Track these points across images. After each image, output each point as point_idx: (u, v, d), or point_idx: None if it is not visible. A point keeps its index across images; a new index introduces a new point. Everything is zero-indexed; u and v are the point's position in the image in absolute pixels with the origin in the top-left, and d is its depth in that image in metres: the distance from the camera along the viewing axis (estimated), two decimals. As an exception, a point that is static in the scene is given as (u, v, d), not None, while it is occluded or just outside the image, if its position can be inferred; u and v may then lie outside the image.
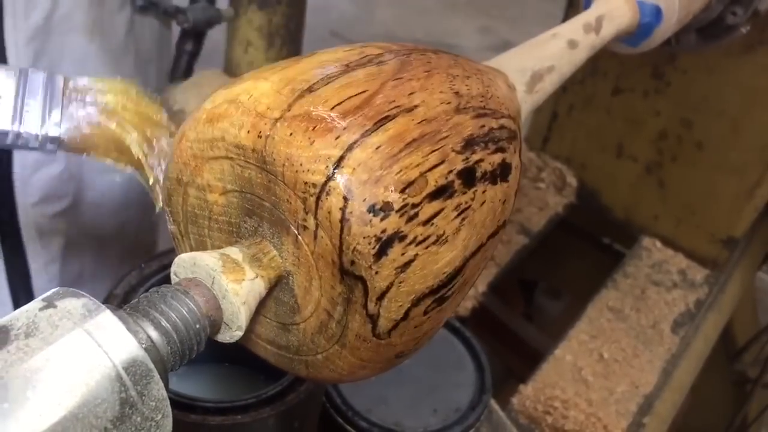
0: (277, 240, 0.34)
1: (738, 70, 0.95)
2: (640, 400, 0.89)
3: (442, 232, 0.33)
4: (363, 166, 0.31)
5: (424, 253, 0.32)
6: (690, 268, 1.09)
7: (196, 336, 0.30)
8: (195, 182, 0.35)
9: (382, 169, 0.31)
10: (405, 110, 0.34)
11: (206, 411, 0.52)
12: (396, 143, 0.32)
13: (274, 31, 0.88)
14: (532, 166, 1.20)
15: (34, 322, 0.25)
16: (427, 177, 0.32)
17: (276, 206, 0.33)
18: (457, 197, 0.34)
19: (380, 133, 0.32)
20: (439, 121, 0.35)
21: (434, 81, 0.37)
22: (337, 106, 0.32)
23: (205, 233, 0.37)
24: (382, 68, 0.35)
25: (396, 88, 0.34)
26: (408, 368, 0.68)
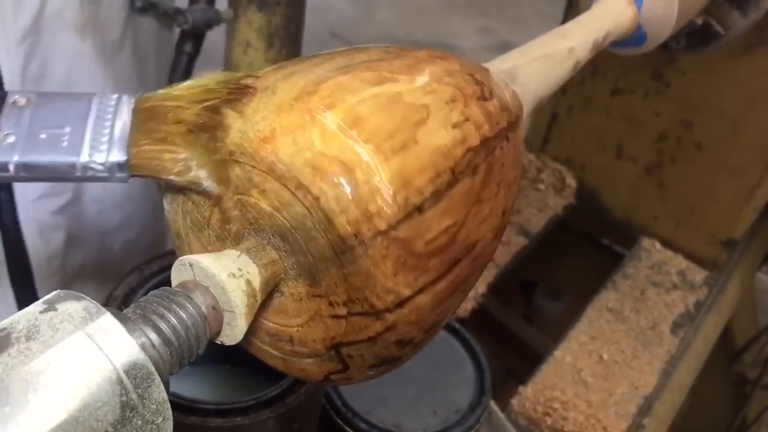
0: (278, 242, 0.34)
1: (737, 71, 0.96)
2: (639, 401, 0.89)
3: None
4: (416, 312, 0.33)
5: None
6: (689, 269, 1.09)
7: (197, 338, 0.30)
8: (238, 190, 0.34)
9: (428, 314, 0.34)
10: (467, 253, 0.35)
11: (206, 413, 0.52)
12: (449, 289, 0.34)
13: (274, 32, 0.88)
14: (532, 167, 1.20)
15: (35, 325, 0.25)
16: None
17: (303, 240, 0.33)
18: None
19: (445, 280, 0.34)
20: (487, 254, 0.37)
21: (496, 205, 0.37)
22: (431, 243, 0.32)
23: (206, 236, 0.37)
24: (474, 182, 0.35)
25: (474, 218, 0.35)
26: (408, 370, 0.68)
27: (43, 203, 0.81)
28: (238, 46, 0.90)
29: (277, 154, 0.31)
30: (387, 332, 0.33)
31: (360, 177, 0.30)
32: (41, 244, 0.83)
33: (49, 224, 0.83)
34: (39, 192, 0.80)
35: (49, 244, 0.83)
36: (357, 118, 0.31)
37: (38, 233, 0.82)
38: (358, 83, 0.33)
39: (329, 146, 0.31)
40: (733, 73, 0.96)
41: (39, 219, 0.82)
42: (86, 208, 0.88)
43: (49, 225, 0.83)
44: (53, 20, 0.76)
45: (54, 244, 0.84)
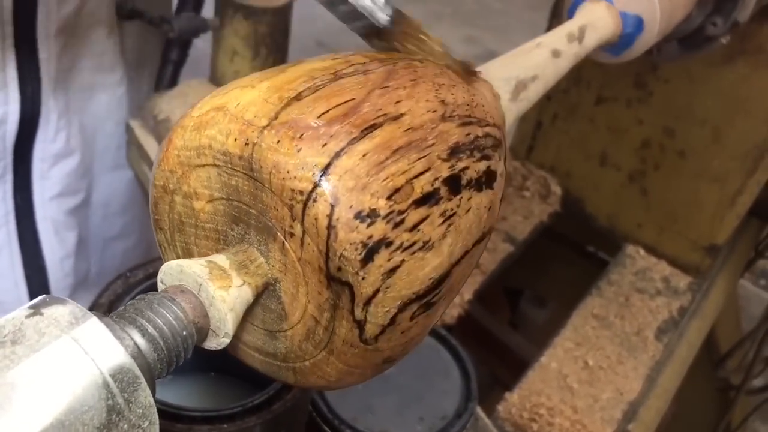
0: (264, 247, 0.34)
1: (719, 79, 0.97)
2: (624, 406, 0.90)
3: (428, 238, 0.33)
4: (349, 173, 0.31)
5: (411, 259, 0.32)
6: (673, 276, 1.10)
7: (183, 343, 0.30)
8: (181, 190, 0.35)
9: (369, 176, 0.31)
10: (391, 118, 0.34)
11: (192, 420, 0.52)
12: (382, 151, 0.32)
13: (260, 41, 0.89)
14: (517, 174, 1.21)
15: (21, 329, 0.25)
16: (413, 184, 0.33)
17: (263, 213, 0.33)
18: (443, 204, 0.34)
19: (367, 141, 0.32)
20: (425, 129, 0.35)
21: (420, 89, 0.37)
22: (324, 114, 0.32)
23: (191, 241, 0.37)
24: (368, 77, 0.36)
25: (383, 96, 0.35)
26: (394, 376, 0.68)
27: (59, 202, 0.82)
28: (225, 55, 0.90)
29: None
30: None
31: (231, 106, 0.33)
32: (57, 243, 0.83)
33: (63, 224, 0.83)
34: (57, 190, 0.81)
35: (64, 244, 0.84)
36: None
37: (54, 232, 0.82)
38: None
39: (204, 108, 0.34)
40: (715, 81, 0.97)
41: (55, 218, 0.82)
42: (94, 212, 0.89)
43: (64, 224, 0.83)
44: (89, 16, 0.77)
45: (68, 244, 0.84)
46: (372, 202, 0.31)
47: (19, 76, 0.73)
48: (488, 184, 0.37)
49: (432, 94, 0.37)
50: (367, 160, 0.32)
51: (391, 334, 0.33)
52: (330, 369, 0.35)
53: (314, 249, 0.32)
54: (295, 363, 0.36)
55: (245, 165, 0.32)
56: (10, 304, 0.81)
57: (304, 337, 0.35)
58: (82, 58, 0.81)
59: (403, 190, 0.32)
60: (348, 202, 0.31)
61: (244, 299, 0.33)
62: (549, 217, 1.17)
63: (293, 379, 0.37)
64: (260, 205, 0.33)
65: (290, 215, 0.32)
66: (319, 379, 0.36)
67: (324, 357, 0.35)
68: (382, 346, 0.34)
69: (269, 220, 0.33)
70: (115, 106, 0.89)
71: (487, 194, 0.37)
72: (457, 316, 0.99)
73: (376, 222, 0.31)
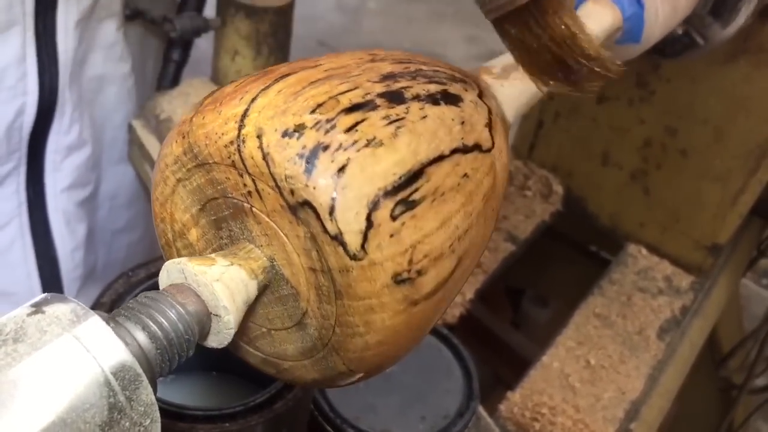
0: (247, 232, 0.34)
1: (721, 78, 0.97)
2: (627, 406, 0.90)
3: (373, 136, 0.32)
4: (267, 107, 0.32)
5: (358, 156, 0.31)
6: (675, 275, 1.09)
7: (186, 341, 0.30)
8: (176, 231, 0.36)
9: (287, 103, 0.32)
10: (309, 67, 0.35)
11: (194, 419, 0.52)
12: (298, 84, 0.33)
13: (262, 40, 0.89)
14: (519, 173, 1.20)
15: (23, 327, 0.25)
16: (338, 98, 0.33)
17: (225, 194, 0.34)
18: (383, 110, 0.33)
19: (281, 83, 0.33)
20: (348, 67, 0.35)
21: (348, 53, 0.37)
22: (240, 83, 0.34)
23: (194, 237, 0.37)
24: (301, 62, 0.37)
25: (303, 61, 0.36)
26: (396, 375, 0.68)
27: (70, 194, 0.83)
28: (226, 54, 0.90)
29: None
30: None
31: (175, 124, 0.36)
32: (67, 234, 0.84)
33: (74, 215, 0.84)
34: (68, 182, 0.82)
35: (74, 235, 0.85)
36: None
37: (65, 223, 0.83)
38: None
39: None
40: (717, 80, 0.97)
41: (66, 210, 0.83)
42: (101, 204, 0.91)
43: (74, 216, 0.85)
44: (103, 9, 0.78)
45: (78, 235, 0.86)
46: (295, 119, 0.31)
47: (38, 67, 0.74)
48: (449, 101, 0.36)
49: (361, 52, 0.37)
50: (282, 94, 0.32)
51: (378, 239, 0.32)
52: (353, 317, 0.33)
53: (267, 190, 0.32)
54: (330, 338, 0.35)
55: (191, 156, 0.33)
56: (22, 295, 0.82)
57: (317, 299, 0.34)
58: (94, 50, 0.82)
59: (327, 104, 0.32)
60: (272, 128, 0.31)
61: (236, 277, 0.32)
62: (551, 217, 1.17)
63: (341, 362, 0.35)
64: (219, 186, 0.33)
65: (237, 172, 0.32)
66: (353, 339, 0.34)
67: (341, 306, 0.33)
68: (377, 257, 0.32)
69: (232, 196, 0.33)
70: (123, 99, 0.89)
71: (450, 109, 0.36)
72: (459, 315, 0.99)
73: (305, 133, 0.31)
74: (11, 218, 0.80)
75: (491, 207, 0.38)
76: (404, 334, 0.34)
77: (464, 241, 0.36)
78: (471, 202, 0.36)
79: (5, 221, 0.79)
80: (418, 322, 0.34)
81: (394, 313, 0.33)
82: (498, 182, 0.39)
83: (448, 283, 0.35)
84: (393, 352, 0.35)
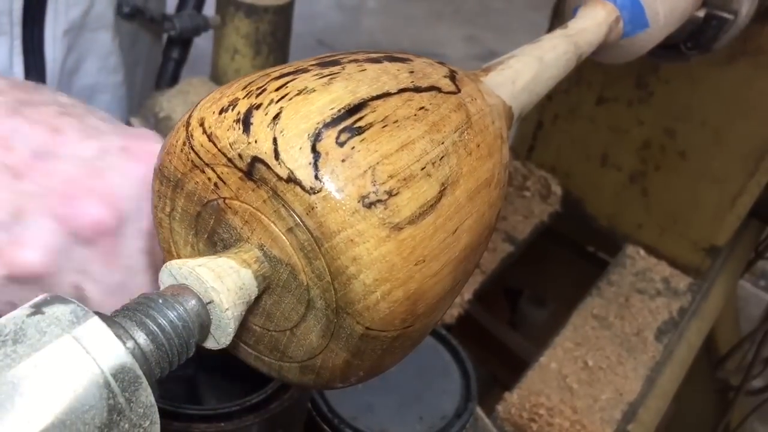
0: (233, 230, 0.35)
1: (720, 80, 0.97)
2: (624, 407, 0.90)
3: (304, 87, 0.33)
4: (205, 101, 0.34)
5: (290, 104, 0.32)
6: (673, 276, 1.10)
7: (185, 342, 0.30)
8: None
9: (222, 91, 0.35)
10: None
11: (190, 418, 0.52)
12: (234, 81, 0.35)
13: (261, 39, 0.89)
14: (518, 174, 1.21)
15: (22, 328, 0.25)
16: (269, 73, 0.35)
17: (202, 202, 0.35)
18: (314, 70, 0.35)
19: (219, 89, 0.36)
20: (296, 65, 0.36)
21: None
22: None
23: (193, 237, 0.37)
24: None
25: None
26: (394, 376, 0.68)
27: None
28: (226, 53, 0.90)
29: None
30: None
31: None
32: None
33: None
34: None
35: None
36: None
37: None
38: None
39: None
40: (716, 82, 0.97)
41: None
42: None
43: None
44: (96, 20, 0.80)
45: None
46: (229, 98, 0.33)
47: (25, 75, 0.75)
48: (393, 60, 0.37)
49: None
50: (218, 90, 0.35)
51: (330, 166, 0.31)
52: (340, 260, 0.32)
53: (225, 170, 0.33)
54: (335, 300, 0.33)
55: (166, 183, 0.36)
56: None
57: (307, 261, 0.33)
58: (86, 60, 0.82)
59: (258, 80, 0.34)
60: (210, 112, 0.33)
61: (245, 299, 0.33)
62: (549, 217, 1.17)
63: (356, 323, 0.33)
64: (195, 197, 0.35)
65: (199, 170, 0.34)
66: (352, 286, 0.32)
67: (326, 254, 0.32)
68: (335, 185, 0.31)
69: (207, 199, 0.34)
70: (115, 107, 0.90)
71: (394, 64, 0.37)
72: (457, 315, 0.99)
73: (238, 103, 0.33)
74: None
75: (474, 142, 0.37)
76: (402, 266, 0.32)
77: (443, 168, 0.34)
78: (438, 131, 0.35)
79: None
80: (411, 250, 0.32)
81: (377, 240, 0.31)
82: (474, 121, 0.38)
83: (436, 208, 0.34)
84: (403, 295, 0.32)
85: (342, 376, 0.36)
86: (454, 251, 0.35)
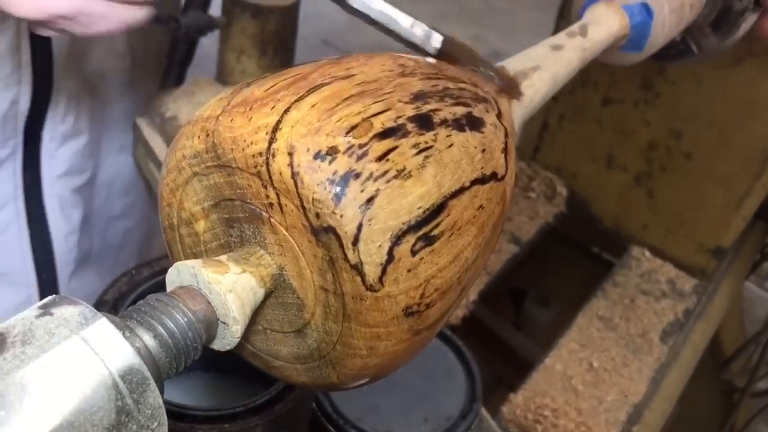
0: (260, 237, 0.34)
1: (726, 81, 0.96)
2: (629, 409, 0.90)
3: (402, 167, 0.32)
4: (300, 122, 0.31)
5: (387, 187, 0.31)
6: (679, 278, 1.09)
7: (192, 344, 0.30)
8: (182, 219, 0.36)
9: (320, 121, 0.32)
10: (341, 78, 0.34)
11: (194, 419, 0.52)
12: (332, 100, 0.33)
13: (267, 40, 0.89)
14: (523, 175, 1.20)
15: (31, 329, 0.25)
16: (371, 121, 0.32)
17: (244, 199, 0.33)
18: (413, 137, 0.33)
19: (315, 95, 0.33)
20: (380, 81, 0.35)
21: (376, 59, 0.37)
22: (271, 88, 0.33)
23: (200, 238, 0.37)
24: (321, 61, 0.37)
25: (332, 66, 0.35)
26: (399, 376, 0.68)
27: (65, 180, 0.85)
28: (231, 53, 0.90)
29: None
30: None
31: (194, 115, 0.35)
32: (62, 219, 0.87)
33: (69, 201, 0.87)
34: (64, 169, 0.84)
35: (69, 220, 0.88)
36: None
37: (60, 209, 0.86)
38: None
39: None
40: (723, 83, 0.97)
41: (62, 195, 0.86)
42: (98, 191, 0.93)
43: (70, 202, 0.87)
44: None
45: (73, 220, 0.88)
46: (328, 141, 0.31)
47: (32, 58, 0.76)
48: (473, 127, 0.36)
49: (390, 60, 0.37)
50: (316, 109, 0.32)
51: (396, 273, 0.32)
52: (357, 340, 0.33)
53: (291, 207, 0.32)
54: (329, 353, 0.35)
55: (213, 155, 0.33)
56: (17, 275, 0.85)
57: (323, 315, 0.34)
58: (94, 44, 0.83)
59: (360, 127, 0.32)
60: (304, 147, 0.31)
61: (247, 286, 0.32)
62: (554, 218, 1.17)
63: (335, 373, 0.36)
64: (238, 190, 0.33)
65: (261, 183, 0.32)
66: (353, 358, 0.34)
67: (347, 329, 0.33)
68: (392, 290, 0.32)
69: (251, 203, 0.33)
70: (124, 91, 0.91)
71: (474, 136, 0.36)
72: (462, 316, 0.99)
73: (338, 157, 0.31)
74: (8, 201, 0.82)
75: (497, 234, 0.39)
76: (402, 358, 0.35)
77: (470, 272, 0.36)
78: (482, 233, 0.36)
79: (2, 204, 0.82)
80: (417, 348, 0.36)
81: (398, 341, 0.34)
82: (506, 208, 0.39)
83: (449, 311, 0.36)
84: (385, 372, 0.36)
85: (290, 383, 0.38)
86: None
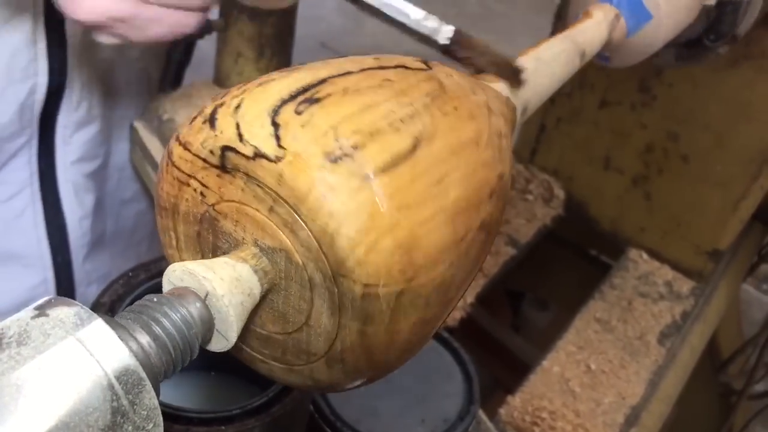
0: (228, 236, 0.35)
1: (723, 84, 0.97)
2: (627, 411, 0.90)
3: (264, 80, 0.35)
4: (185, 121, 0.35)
5: (250, 93, 0.34)
6: (676, 280, 1.09)
7: (188, 345, 0.30)
8: (178, 220, 0.38)
9: (196, 111, 0.36)
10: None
11: (190, 421, 0.52)
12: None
13: (265, 42, 0.89)
14: (520, 177, 1.20)
15: (26, 330, 0.25)
16: (230, 90, 0.36)
17: (197, 218, 0.36)
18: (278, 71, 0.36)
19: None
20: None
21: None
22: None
23: (197, 240, 0.37)
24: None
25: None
26: (397, 378, 0.68)
27: (79, 166, 0.88)
28: (229, 56, 0.90)
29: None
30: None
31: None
32: (76, 204, 0.89)
33: (82, 186, 0.90)
34: (77, 155, 0.87)
35: (83, 205, 0.90)
36: None
37: (74, 193, 0.89)
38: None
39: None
40: (719, 86, 0.97)
41: (75, 181, 0.88)
42: (110, 176, 0.95)
43: (83, 187, 0.90)
44: None
45: (86, 205, 0.91)
46: (199, 109, 0.35)
47: (48, 50, 0.78)
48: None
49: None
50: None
51: (290, 132, 0.32)
52: (319, 220, 0.31)
53: (204, 174, 0.34)
54: (327, 263, 0.32)
55: (166, 213, 0.37)
56: (33, 258, 0.87)
57: (294, 235, 0.33)
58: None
59: (221, 93, 0.36)
60: (183, 126, 0.35)
61: (244, 286, 0.32)
62: (552, 221, 1.17)
63: (352, 283, 0.32)
64: (191, 215, 0.36)
65: (184, 184, 0.35)
66: (338, 245, 0.31)
67: (305, 217, 0.32)
68: (297, 146, 0.31)
69: (201, 213, 0.36)
70: (133, 80, 0.93)
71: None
72: (459, 318, 0.99)
73: (204, 109, 0.34)
74: (24, 187, 0.85)
75: (450, 105, 0.37)
76: (383, 213, 0.31)
77: (414, 124, 0.34)
78: (405, 95, 0.35)
79: (18, 189, 0.85)
80: (389, 197, 0.32)
81: (349, 191, 0.31)
82: (449, 89, 0.38)
83: (411, 158, 0.33)
84: (392, 243, 0.32)
85: (366, 355, 0.34)
86: (443, 200, 0.34)
